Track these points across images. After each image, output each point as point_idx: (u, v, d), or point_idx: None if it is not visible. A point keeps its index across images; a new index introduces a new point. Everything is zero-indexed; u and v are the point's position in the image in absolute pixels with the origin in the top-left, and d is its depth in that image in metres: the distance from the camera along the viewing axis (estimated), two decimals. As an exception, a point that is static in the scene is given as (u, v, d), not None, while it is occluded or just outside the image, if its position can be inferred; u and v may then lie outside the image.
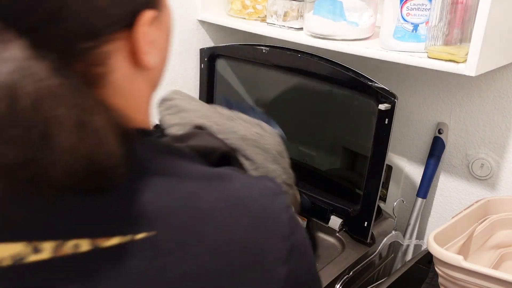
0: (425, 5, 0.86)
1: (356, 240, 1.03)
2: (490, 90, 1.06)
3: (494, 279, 0.71)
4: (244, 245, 0.39)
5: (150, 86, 0.45)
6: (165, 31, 0.45)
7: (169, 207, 0.38)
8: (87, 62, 0.37)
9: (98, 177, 0.35)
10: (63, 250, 0.36)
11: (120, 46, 0.39)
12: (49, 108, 0.32)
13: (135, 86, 0.42)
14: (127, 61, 0.40)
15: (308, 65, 1.06)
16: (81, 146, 0.33)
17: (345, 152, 1.14)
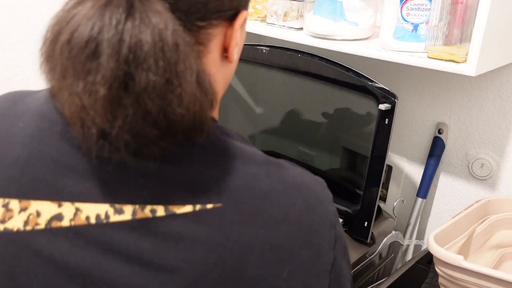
0: (425, 5, 0.86)
1: (356, 240, 1.03)
2: (490, 90, 1.06)
3: (494, 279, 0.71)
4: (297, 224, 0.44)
5: (224, 81, 0.52)
6: (242, 38, 0.52)
7: (234, 184, 0.43)
8: (196, 39, 0.44)
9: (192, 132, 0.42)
10: (142, 214, 0.41)
11: (219, 34, 0.47)
12: (183, 56, 0.39)
13: (216, 75, 0.49)
14: (218, 50, 0.48)
15: (308, 65, 1.06)
16: (196, 97, 0.40)
17: (345, 152, 1.14)
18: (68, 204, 0.42)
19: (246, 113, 1.34)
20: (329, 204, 0.49)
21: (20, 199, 0.44)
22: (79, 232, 0.42)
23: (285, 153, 1.25)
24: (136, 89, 0.38)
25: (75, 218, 0.42)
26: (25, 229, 0.42)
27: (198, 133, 0.43)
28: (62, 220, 0.42)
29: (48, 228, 0.42)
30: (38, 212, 0.43)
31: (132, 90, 0.39)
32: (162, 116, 0.40)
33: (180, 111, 0.40)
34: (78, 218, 0.42)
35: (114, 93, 0.38)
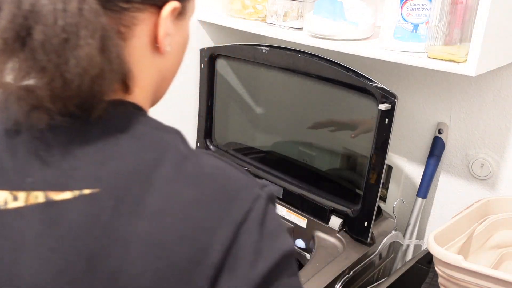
0: (425, 5, 0.86)
1: (356, 240, 1.03)
2: (490, 90, 1.06)
3: (494, 279, 0.71)
4: (181, 217, 0.41)
5: (159, 75, 0.52)
6: (182, 35, 0.53)
7: (118, 169, 0.42)
8: (119, 20, 0.44)
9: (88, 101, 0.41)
10: (29, 200, 0.42)
11: (146, 20, 0.47)
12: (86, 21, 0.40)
13: (145, 63, 0.49)
14: (147, 38, 0.48)
15: (308, 65, 1.06)
16: (95, 60, 0.40)
17: (345, 152, 1.14)
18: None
19: (246, 113, 1.34)
20: (242, 201, 0.43)
21: None
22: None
23: (285, 153, 1.25)
24: (32, 44, 0.39)
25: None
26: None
27: (95, 104, 0.42)
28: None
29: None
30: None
31: (29, 45, 0.39)
32: (58, 74, 0.40)
33: (77, 71, 0.40)
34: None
35: (10, 46, 0.40)
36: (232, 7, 1.24)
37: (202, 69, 1.29)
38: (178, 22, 0.51)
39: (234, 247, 0.41)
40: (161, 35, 0.48)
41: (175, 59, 0.54)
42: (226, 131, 1.37)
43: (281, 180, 1.18)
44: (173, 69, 0.55)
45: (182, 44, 0.55)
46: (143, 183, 0.41)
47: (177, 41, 0.52)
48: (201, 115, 1.34)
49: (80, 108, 0.42)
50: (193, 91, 1.34)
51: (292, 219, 1.13)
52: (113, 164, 0.42)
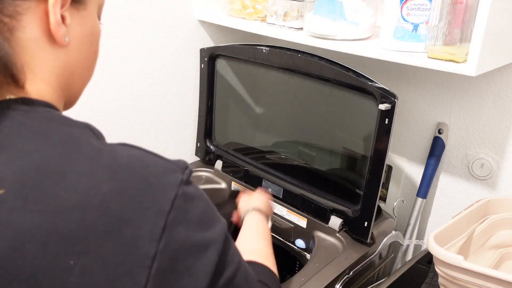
0: (425, 5, 0.86)
1: (356, 240, 1.03)
2: (490, 90, 1.06)
3: (494, 279, 0.71)
4: (99, 211, 0.39)
5: (64, 69, 0.49)
6: (85, 26, 0.50)
7: (24, 167, 0.39)
8: (2, 11, 0.42)
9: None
10: None
11: (32, 8, 0.44)
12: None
13: (43, 56, 0.46)
14: (40, 28, 0.45)
15: (308, 65, 1.06)
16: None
17: (345, 152, 1.14)
18: None
19: (246, 113, 1.34)
20: (162, 188, 0.42)
21: None
22: None
23: (285, 153, 1.25)
24: None
25: None
26: None
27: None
28: None
29: None
30: None
31: None
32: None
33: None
34: None
35: None
36: (232, 7, 1.24)
37: (202, 69, 1.29)
38: (77, 12, 0.49)
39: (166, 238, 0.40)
40: (53, 25, 0.46)
41: (82, 52, 0.51)
42: (226, 131, 1.37)
43: (281, 180, 1.18)
44: (84, 63, 0.52)
45: (88, 36, 0.51)
46: (55, 179, 0.39)
47: (79, 33, 0.50)
48: (201, 115, 1.34)
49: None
50: (193, 91, 1.34)
51: (292, 219, 1.13)
52: (17, 163, 0.40)
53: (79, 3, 0.49)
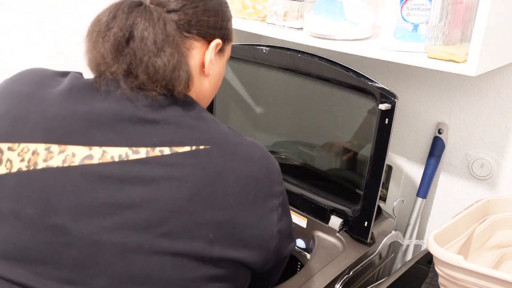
0: (425, 5, 0.86)
1: (356, 240, 1.03)
2: (490, 90, 1.06)
3: (494, 279, 0.71)
4: (260, 163, 0.67)
5: (200, 91, 0.74)
6: (219, 68, 0.76)
7: (216, 135, 0.65)
8: (183, 43, 0.68)
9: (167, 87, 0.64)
10: (153, 153, 0.60)
11: (199, 47, 0.70)
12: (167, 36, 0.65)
13: (197, 77, 0.71)
14: (198, 61, 0.71)
15: (308, 65, 1.06)
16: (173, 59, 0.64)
17: (345, 152, 1.14)
18: (97, 148, 0.60)
19: (246, 113, 1.34)
20: (276, 162, 0.71)
21: (59, 144, 0.60)
22: (106, 166, 0.59)
23: (285, 153, 1.25)
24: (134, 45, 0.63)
25: (102, 157, 0.60)
26: (63, 165, 0.59)
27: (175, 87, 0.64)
28: (92, 159, 0.59)
29: (81, 165, 0.59)
30: (73, 153, 0.60)
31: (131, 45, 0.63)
32: (150, 64, 0.63)
33: (161, 62, 0.63)
34: (104, 157, 0.60)
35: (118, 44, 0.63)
36: (232, 7, 1.24)
37: (202, 69, 1.29)
38: (218, 57, 0.75)
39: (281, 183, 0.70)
40: (207, 61, 0.71)
41: (212, 84, 0.75)
42: (226, 131, 1.37)
43: (281, 180, 1.17)
44: (210, 92, 0.76)
45: (219, 75, 0.77)
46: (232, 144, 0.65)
47: (215, 71, 0.75)
48: (201, 115, 1.34)
49: (166, 89, 0.64)
50: (193, 91, 1.34)
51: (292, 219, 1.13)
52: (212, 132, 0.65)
53: (221, 52, 0.75)
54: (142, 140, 0.61)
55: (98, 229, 0.57)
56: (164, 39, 0.64)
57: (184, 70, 0.65)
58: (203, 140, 0.63)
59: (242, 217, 0.63)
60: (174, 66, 0.64)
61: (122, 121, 0.61)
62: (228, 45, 0.77)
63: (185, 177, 0.60)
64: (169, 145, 0.61)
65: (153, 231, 0.58)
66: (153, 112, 0.62)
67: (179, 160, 0.61)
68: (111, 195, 0.58)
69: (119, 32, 0.63)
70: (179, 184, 0.59)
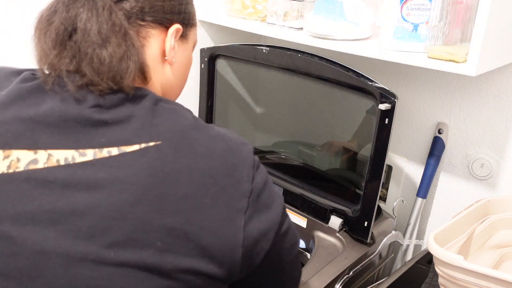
0: (425, 5, 0.86)
1: (356, 240, 1.03)
2: (490, 90, 1.06)
3: (494, 279, 0.71)
4: (220, 160, 0.59)
5: (166, 81, 0.69)
6: (184, 55, 0.72)
7: (170, 129, 0.59)
8: (138, 33, 0.64)
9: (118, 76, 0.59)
10: (100, 154, 0.56)
11: (156, 35, 0.66)
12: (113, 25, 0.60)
13: (157, 68, 0.67)
14: (158, 50, 0.66)
15: (308, 65, 1.06)
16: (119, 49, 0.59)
17: (345, 152, 1.14)
18: (42, 151, 0.57)
19: (246, 113, 1.34)
20: (249, 154, 0.62)
21: (3, 150, 0.57)
22: (51, 171, 0.56)
23: (285, 153, 1.25)
24: (77, 38, 0.59)
25: (48, 161, 0.56)
26: (7, 171, 0.56)
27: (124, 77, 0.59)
28: (37, 163, 0.56)
29: (25, 170, 0.56)
30: (18, 158, 0.57)
31: (74, 38, 0.59)
32: (95, 57, 0.58)
33: (107, 53, 0.59)
34: (50, 161, 0.56)
35: (60, 37, 0.59)
36: (232, 7, 1.24)
37: (202, 69, 1.29)
38: (181, 43, 0.70)
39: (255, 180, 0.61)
40: (167, 48, 0.67)
41: (179, 73, 0.71)
42: (226, 131, 1.37)
43: (281, 180, 1.18)
44: (178, 82, 0.73)
45: (185, 63, 0.73)
46: (189, 138, 0.59)
47: (180, 58, 0.71)
48: (201, 115, 1.34)
49: (113, 82, 0.59)
50: (193, 91, 1.34)
51: (292, 219, 1.13)
52: (165, 126, 0.59)
53: (184, 38, 0.71)
54: (89, 141, 0.57)
55: (42, 238, 0.54)
56: (109, 29, 0.60)
57: (134, 61, 0.60)
58: (154, 135, 0.58)
59: (198, 223, 0.56)
60: (121, 57, 0.59)
61: (67, 122, 0.57)
62: (191, 30, 0.72)
63: (129, 179, 0.55)
64: (117, 145, 0.57)
65: (98, 241, 0.54)
66: (101, 112, 0.58)
67: (126, 161, 0.56)
68: (54, 202, 0.55)
69: (60, 25, 0.59)
70: (123, 187, 0.55)
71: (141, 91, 0.61)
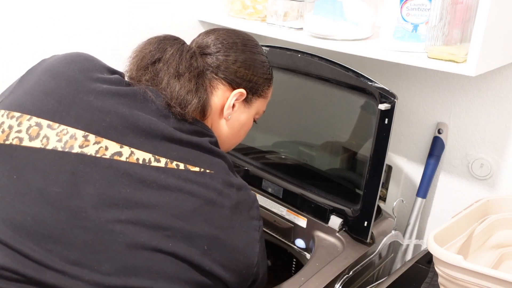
0: (425, 5, 0.86)
1: (356, 240, 1.03)
2: (490, 90, 1.06)
3: (494, 279, 0.71)
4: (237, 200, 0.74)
5: (219, 133, 0.84)
6: (243, 117, 0.86)
7: (220, 166, 0.74)
8: (210, 81, 0.81)
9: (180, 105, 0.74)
10: (170, 164, 0.69)
11: (223, 90, 0.82)
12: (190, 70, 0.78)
13: (216, 117, 0.83)
14: (220, 103, 0.82)
15: (308, 65, 1.06)
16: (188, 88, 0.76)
17: (345, 152, 1.14)
18: (127, 147, 0.68)
19: (246, 113, 1.34)
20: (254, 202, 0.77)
21: (96, 136, 0.67)
22: (131, 166, 0.67)
23: (285, 153, 1.26)
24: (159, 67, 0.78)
25: (129, 157, 0.67)
26: (95, 155, 0.66)
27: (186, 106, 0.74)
28: (121, 156, 0.67)
29: (110, 159, 0.66)
30: (106, 147, 0.67)
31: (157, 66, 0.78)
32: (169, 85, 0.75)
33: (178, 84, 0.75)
34: (131, 157, 0.67)
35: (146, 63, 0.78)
36: (232, 7, 1.24)
37: (202, 69, 1.29)
38: (243, 106, 0.85)
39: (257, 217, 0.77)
40: (226, 105, 0.81)
41: (232, 130, 0.85)
42: (226, 131, 1.37)
43: (281, 180, 1.18)
44: (230, 137, 0.86)
45: (242, 124, 0.86)
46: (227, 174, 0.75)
47: (237, 118, 0.85)
48: (201, 115, 1.34)
49: (180, 107, 0.73)
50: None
51: (292, 219, 1.13)
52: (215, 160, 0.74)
53: (247, 102, 0.85)
54: (165, 152, 0.69)
55: (114, 219, 0.63)
56: (186, 67, 0.76)
57: (198, 97, 0.75)
58: (209, 165, 0.72)
59: (232, 240, 0.71)
60: (188, 90, 0.74)
61: (153, 132, 0.69)
62: (257, 99, 0.86)
63: (192, 192, 0.68)
64: (184, 162, 0.70)
65: (160, 232, 0.65)
66: (179, 133, 0.71)
67: (189, 177, 0.69)
68: (132, 192, 0.65)
69: (149, 53, 0.77)
70: (187, 197, 0.68)
71: (204, 126, 0.77)
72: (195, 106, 0.74)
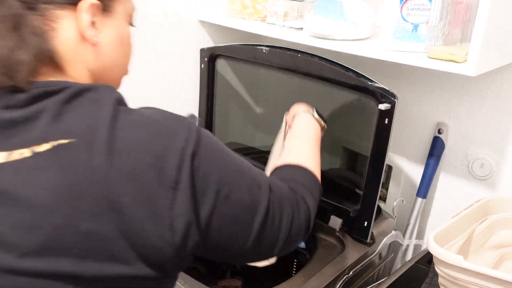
0: (425, 5, 0.86)
1: (356, 240, 1.03)
2: (490, 90, 1.06)
3: (494, 279, 0.71)
4: (139, 152, 0.53)
5: (96, 63, 0.62)
6: (114, 31, 0.63)
7: (83, 124, 0.53)
8: (45, 17, 0.56)
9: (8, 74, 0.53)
10: (12, 157, 0.52)
11: (67, 15, 0.58)
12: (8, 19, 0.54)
13: (78, 51, 0.59)
14: (74, 30, 0.58)
15: (308, 65, 1.06)
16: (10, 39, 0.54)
17: (345, 152, 1.14)
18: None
19: (246, 113, 1.34)
20: (177, 135, 0.55)
21: None
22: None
23: (285, 153, 1.25)
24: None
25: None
26: None
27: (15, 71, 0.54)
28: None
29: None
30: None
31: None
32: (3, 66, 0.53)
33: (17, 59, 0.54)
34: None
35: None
36: (232, 7, 1.24)
37: (202, 69, 1.29)
38: (105, 18, 0.61)
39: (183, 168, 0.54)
40: (81, 27, 0.59)
41: (111, 52, 0.63)
42: (226, 131, 1.37)
43: (281, 180, 1.18)
44: (115, 60, 0.65)
45: (118, 40, 0.64)
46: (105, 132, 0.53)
47: (108, 35, 0.62)
48: (201, 115, 1.34)
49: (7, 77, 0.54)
50: (193, 91, 1.34)
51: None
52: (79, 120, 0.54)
53: (107, 11, 0.62)
54: (1, 143, 0.53)
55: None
56: None
57: (29, 52, 0.54)
58: (64, 132, 0.52)
59: (117, 225, 0.52)
60: (10, 49, 0.54)
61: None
62: (116, 1, 0.63)
63: (42, 184, 0.51)
64: (28, 145, 0.52)
65: (12, 250, 0.50)
66: (11, 111, 0.53)
67: (38, 163, 0.51)
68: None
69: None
70: (36, 193, 0.51)
71: (57, 84, 0.55)
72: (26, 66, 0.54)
